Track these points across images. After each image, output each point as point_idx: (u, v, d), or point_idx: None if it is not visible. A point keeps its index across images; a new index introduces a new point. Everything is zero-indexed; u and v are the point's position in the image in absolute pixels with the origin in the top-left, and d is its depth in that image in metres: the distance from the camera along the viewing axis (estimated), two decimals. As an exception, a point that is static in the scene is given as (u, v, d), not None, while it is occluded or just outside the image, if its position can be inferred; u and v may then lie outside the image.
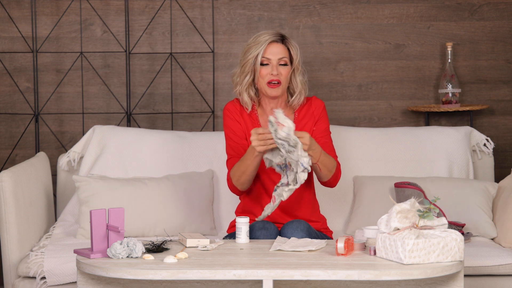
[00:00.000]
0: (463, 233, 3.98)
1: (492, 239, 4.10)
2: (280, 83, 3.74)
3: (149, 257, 3.23)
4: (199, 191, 4.27)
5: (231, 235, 3.78)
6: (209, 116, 4.93)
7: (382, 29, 4.93)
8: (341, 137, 4.38)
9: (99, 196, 4.13)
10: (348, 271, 3.04)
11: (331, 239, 3.83)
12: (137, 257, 3.24)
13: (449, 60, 4.82)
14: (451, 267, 3.11)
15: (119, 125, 4.87)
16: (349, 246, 3.24)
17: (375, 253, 3.25)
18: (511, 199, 4.04)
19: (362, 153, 4.41)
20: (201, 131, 4.90)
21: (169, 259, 3.18)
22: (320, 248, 3.36)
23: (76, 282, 3.61)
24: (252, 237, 3.60)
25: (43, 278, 3.81)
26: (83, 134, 4.81)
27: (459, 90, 4.80)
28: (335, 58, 4.94)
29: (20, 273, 3.84)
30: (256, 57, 3.74)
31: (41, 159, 4.36)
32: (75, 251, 3.34)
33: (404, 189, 4.08)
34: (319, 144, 3.70)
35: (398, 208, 3.19)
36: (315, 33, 4.92)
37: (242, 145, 3.79)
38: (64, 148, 4.91)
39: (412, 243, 3.08)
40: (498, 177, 4.69)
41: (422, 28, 4.92)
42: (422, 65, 4.94)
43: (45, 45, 4.88)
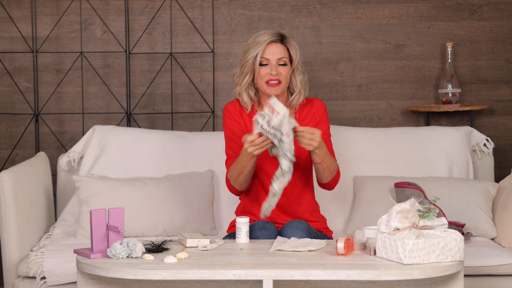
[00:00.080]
0: (463, 233, 3.98)
1: (492, 239, 4.10)
2: (280, 82, 3.74)
3: (149, 257, 3.23)
4: (199, 191, 4.26)
5: (231, 235, 3.77)
6: (209, 116, 4.92)
7: (382, 29, 4.93)
8: (341, 137, 4.38)
9: (99, 196, 4.13)
10: (348, 271, 3.04)
11: (331, 239, 3.83)
12: (137, 257, 3.24)
13: (449, 60, 4.82)
14: (451, 267, 3.11)
15: (119, 125, 4.87)
16: (349, 246, 3.24)
17: (375, 253, 3.24)
18: (511, 199, 4.04)
19: (362, 153, 4.41)
20: (201, 131, 4.90)
21: (169, 259, 3.17)
22: (320, 248, 3.35)
23: (76, 282, 3.61)
24: (252, 237, 3.60)
25: (43, 278, 3.81)
26: (83, 134, 4.81)
27: (459, 90, 4.80)
28: (335, 58, 4.94)
29: (20, 273, 3.84)
30: (255, 57, 3.74)
31: (41, 159, 4.36)
32: (75, 251, 3.34)
33: (404, 189, 4.08)
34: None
35: (398, 208, 3.18)
36: (315, 33, 4.92)
37: (241, 146, 3.78)
38: (64, 148, 4.90)
39: (412, 243, 3.07)
40: (498, 177, 4.69)
41: (422, 28, 4.92)
42: (422, 65, 4.94)
43: (45, 45, 4.88)
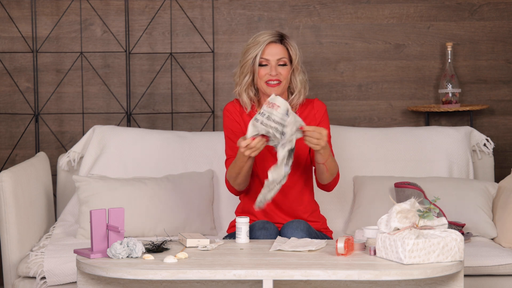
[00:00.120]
0: (463, 233, 3.98)
1: (492, 239, 4.10)
2: (280, 82, 3.73)
3: (149, 257, 3.23)
4: (199, 191, 4.26)
5: (231, 235, 3.77)
6: (209, 116, 4.92)
7: (382, 29, 4.93)
8: (341, 137, 4.38)
9: (99, 196, 4.13)
10: (348, 271, 3.04)
11: (331, 239, 3.83)
12: (137, 257, 3.24)
13: (449, 60, 4.82)
14: (451, 267, 3.11)
15: (119, 125, 4.87)
16: (349, 246, 3.24)
17: (375, 253, 3.24)
18: (511, 199, 4.04)
19: (362, 153, 4.41)
20: (201, 131, 4.90)
21: (169, 259, 3.17)
22: (320, 248, 3.35)
23: (76, 282, 3.61)
24: (252, 237, 3.59)
25: (43, 278, 3.81)
26: (83, 134, 4.81)
27: (459, 90, 4.80)
28: (335, 58, 4.94)
29: (20, 273, 3.84)
30: (254, 58, 3.73)
31: (41, 159, 4.36)
32: (75, 251, 3.34)
33: (404, 189, 4.08)
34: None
35: (398, 208, 3.18)
36: (315, 33, 4.92)
37: (241, 146, 3.79)
38: (64, 148, 4.90)
39: (412, 243, 3.07)
40: (498, 177, 4.69)
41: (422, 28, 4.92)
42: (422, 65, 4.94)
43: (45, 45, 4.87)
